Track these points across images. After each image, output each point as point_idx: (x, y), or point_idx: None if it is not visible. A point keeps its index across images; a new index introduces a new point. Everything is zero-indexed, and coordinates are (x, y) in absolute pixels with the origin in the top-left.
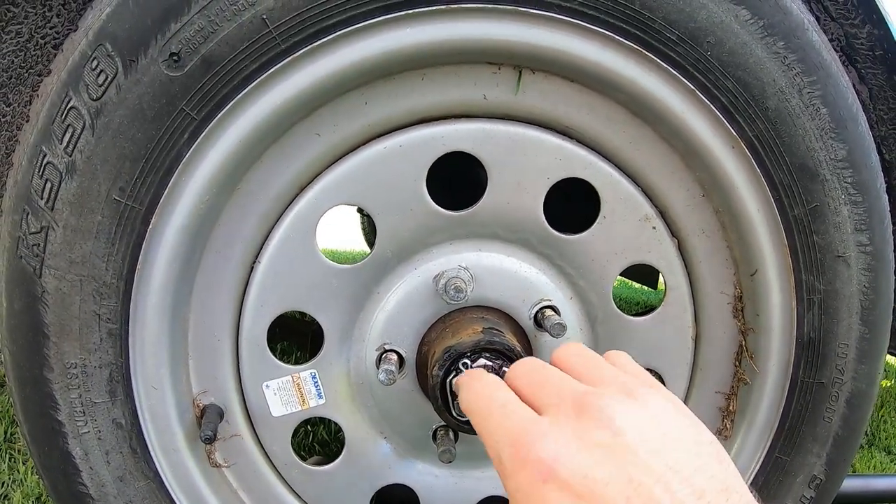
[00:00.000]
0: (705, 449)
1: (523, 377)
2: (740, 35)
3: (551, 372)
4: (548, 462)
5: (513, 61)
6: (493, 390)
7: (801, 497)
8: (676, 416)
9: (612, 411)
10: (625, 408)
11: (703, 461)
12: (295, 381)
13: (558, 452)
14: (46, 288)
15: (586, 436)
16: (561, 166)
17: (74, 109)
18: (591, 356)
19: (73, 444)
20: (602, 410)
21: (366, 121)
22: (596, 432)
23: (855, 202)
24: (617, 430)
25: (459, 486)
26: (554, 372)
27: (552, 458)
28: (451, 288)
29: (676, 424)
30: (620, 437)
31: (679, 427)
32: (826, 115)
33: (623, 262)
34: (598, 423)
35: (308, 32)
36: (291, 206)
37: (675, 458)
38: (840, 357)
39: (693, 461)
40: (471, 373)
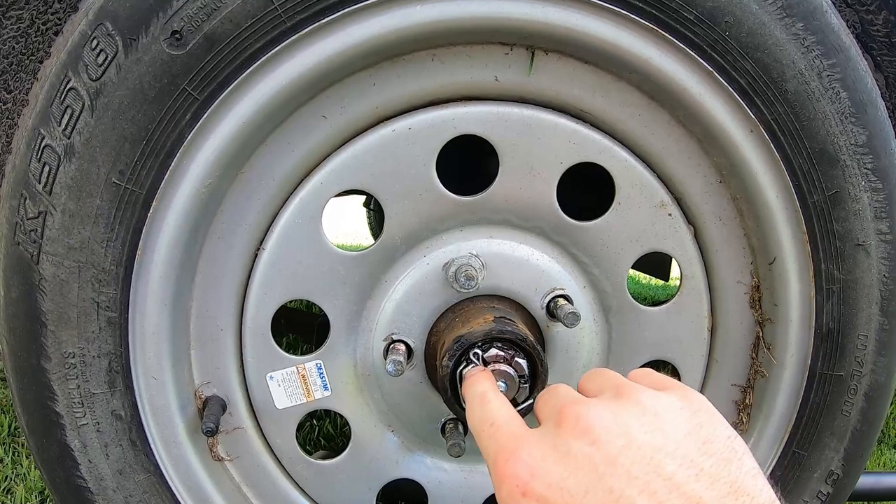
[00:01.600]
0: (715, 448)
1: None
2: (759, 15)
3: (561, 389)
4: (523, 475)
5: (525, 41)
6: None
7: (819, 492)
8: (684, 414)
9: (592, 419)
10: (607, 414)
11: (707, 463)
12: (300, 372)
13: (534, 466)
14: (44, 275)
15: (563, 446)
16: (575, 151)
17: (73, 90)
18: (605, 372)
19: (71, 436)
20: (580, 419)
21: (374, 103)
22: (573, 442)
23: (875, 189)
24: (595, 439)
25: (468, 482)
26: (563, 389)
27: (528, 472)
28: (462, 276)
29: (681, 423)
30: (599, 446)
31: (683, 427)
32: (846, 99)
33: (638, 249)
34: (574, 433)
35: (314, 10)
36: (297, 190)
37: (668, 463)
38: (859, 349)
39: (693, 464)
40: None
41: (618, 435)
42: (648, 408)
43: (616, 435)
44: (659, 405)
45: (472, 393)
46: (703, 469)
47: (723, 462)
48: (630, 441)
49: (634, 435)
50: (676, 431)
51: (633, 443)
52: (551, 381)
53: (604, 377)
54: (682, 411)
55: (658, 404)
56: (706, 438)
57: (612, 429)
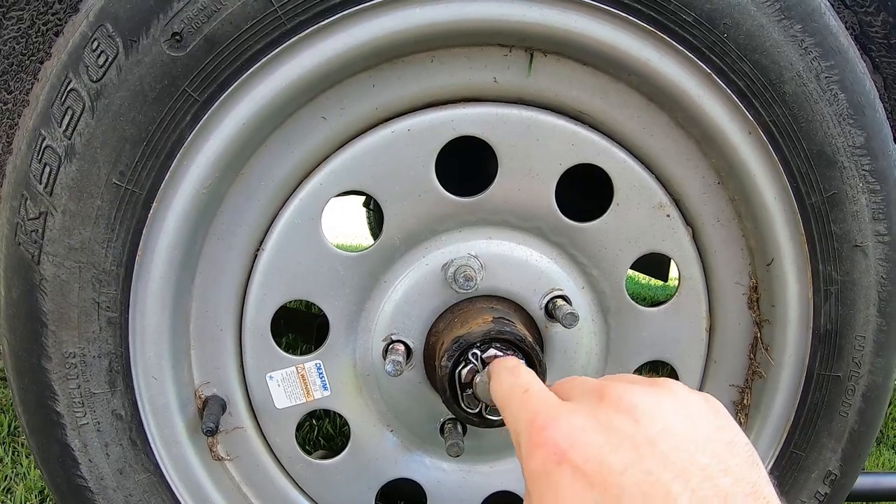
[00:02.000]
0: (739, 450)
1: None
2: (757, 17)
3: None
4: (563, 443)
5: (524, 43)
6: (518, 377)
7: (816, 493)
8: (710, 414)
9: (635, 399)
10: (650, 398)
11: (733, 462)
12: (299, 372)
13: (573, 435)
14: (45, 275)
15: (606, 420)
16: (573, 152)
17: (74, 91)
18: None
19: (71, 436)
20: (623, 397)
21: (373, 104)
22: (616, 417)
23: (873, 190)
24: (638, 418)
25: (468, 481)
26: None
27: (567, 440)
28: (461, 276)
29: (709, 422)
30: (642, 426)
31: (712, 425)
32: (844, 101)
33: (636, 250)
34: (619, 409)
35: (314, 11)
36: (296, 191)
37: (700, 454)
38: (857, 350)
39: (722, 461)
40: (500, 361)
41: (658, 418)
42: (683, 400)
43: (656, 418)
44: (691, 400)
45: (501, 367)
46: (730, 466)
47: (746, 464)
48: (669, 427)
49: (672, 422)
50: (706, 428)
51: (672, 429)
52: (550, 381)
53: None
54: (708, 412)
55: (690, 399)
56: (730, 440)
57: (654, 412)
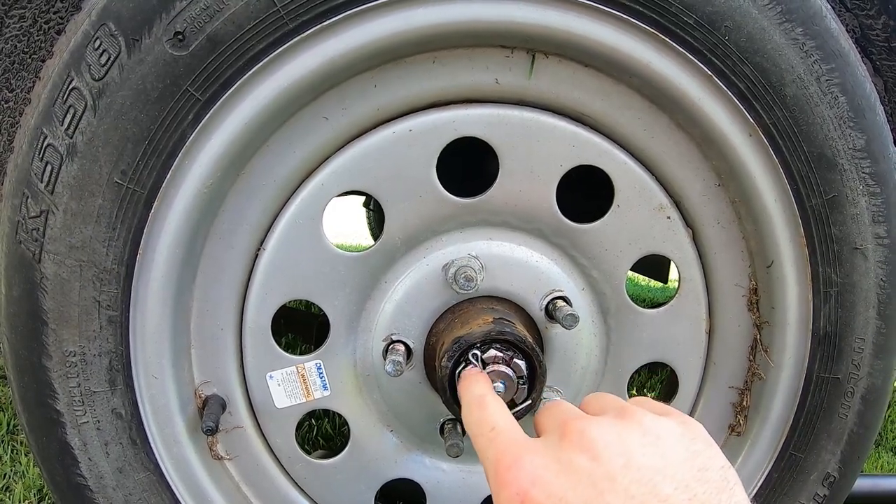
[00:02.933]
0: (710, 475)
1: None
2: (758, 20)
3: (564, 405)
4: (525, 483)
5: (526, 45)
6: (484, 412)
7: (815, 495)
8: (683, 440)
9: (595, 435)
10: (610, 432)
11: (701, 489)
12: (299, 371)
13: (535, 475)
14: (45, 274)
15: (566, 459)
16: (574, 153)
17: (76, 90)
18: (608, 395)
19: (71, 435)
20: (583, 433)
21: (375, 104)
22: (575, 456)
23: (873, 193)
24: (596, 454)
25: (467, 482)
26: (566, 406)
27: (529, 481)
28: (462, 277)
29: (678, 450)
30: (601, 462)
31: (681, 452)
32: (844, 104)
33: (636, 252)
34: (578, 447)
35: (317, 11)
36: (298, 191)
37: (665, 484)
38: (856, 352)
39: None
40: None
41: (619, 454)
42: (650, 430)
43: (617, 453)
44: (660, 429)
45: (470, 395)
46: (696, 495)
47: (716, 490)
48: (630, 461)
49: (635, 455)
50: (675, 456)
51: (634, 463)
52: (550, 382)
53: (606, 399)
54: (681, 437)
55: (659, 428)
56: (702, 466)
57: (614, 447)
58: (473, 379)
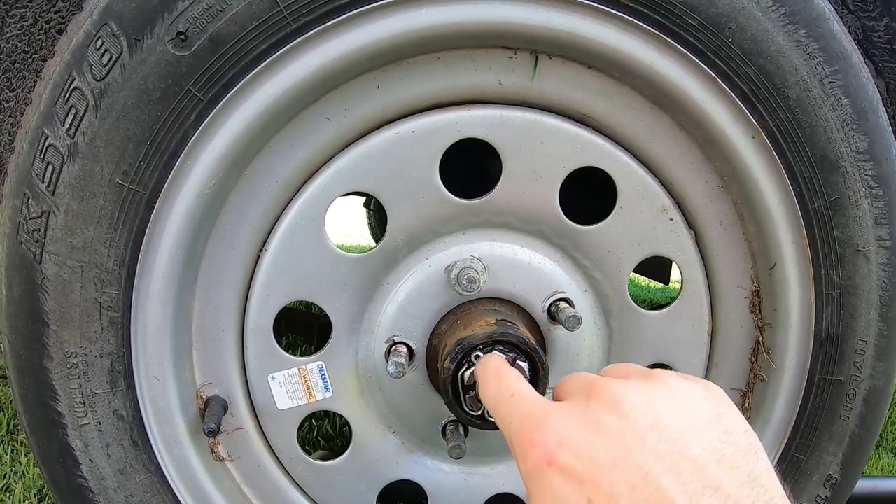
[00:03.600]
0: (736, 439)
1: (559, 383)
2: (762, 22)
3: (584, 374)
4: (551, 444)
5: (529, 46)
6: (501, 381)
7: (817, 496)
8: (707, 402)
9: (622, 394)
10: (638, 392)
11: (728, 451)
12: (301, 373)
13: (562, 434)
14: (47, 274)
15: (594, 418)
16: (577, 155)
17: (78, 90)
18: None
19: (72, 436)
20: (611, 393)
21: (378, 105)
22: (604, 414)
23: (875, 195)
24: (624, 413)
25: (469, 483)
26: (586, 374)
27: (556, 440)
28: (464, 279)
29: (704, 411)
30: (630, 421)
31: (707, 414)
32: (847, 106)
33: (639, 253)
34: (606, 406)
35: (320, 12)
36: (300, 192)
37: (693, 445)
38: (858, 354)
39: (716, 451)
40: (485, 362)
41: (647, 412)
42: (676, 391)
43: (646, 412)
44: (686, 390)
45: (485, 367)
46: (724, 456)
47: (742, 452)
48: (659, 419)
49: (663, 414)
50: (701, 417)
51: (662, 421)
52: (552, 384)
53: (630, 366)
54: (706, 399)
55: (685, 389)
56: (727, 428)
57: (643, 406)
58: (488, 358)
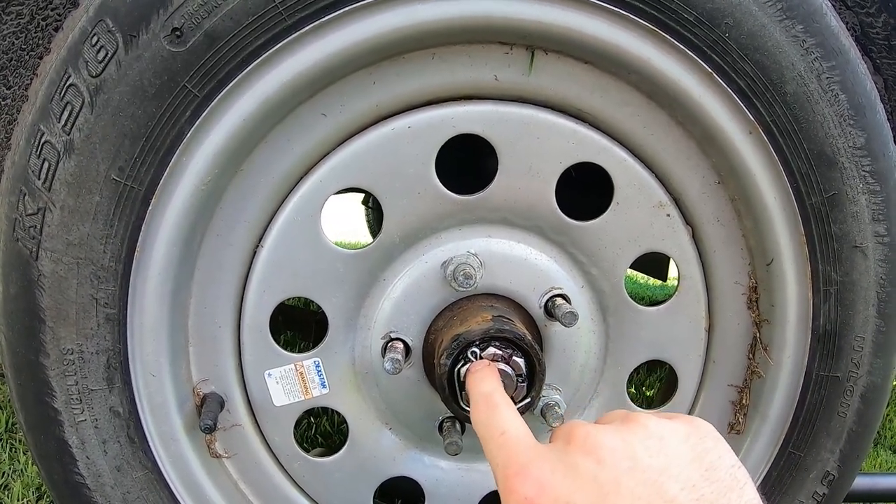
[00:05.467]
0: (719, 475)
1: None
2: (759, 17)
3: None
4: (531, 489)
5: (525, 41)
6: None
7: (814, 493)
8: (689, 440)
9: (599, 440)
10: (614, 436)
11: (709, 490)
12: (298, 369)
13: (542, 479)
14: (43, 271)
15: (572, 463)
16: (574, 150)
17: (73, 87)
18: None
19: (69, 433)
20: (588, 438)
21: (374, 101)
22: (581, 460)
23: (873, 191)
24: (601, 458)
25: (465, 480)
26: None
27: (536, 486)
28: (460, 274)
29: (687, 449)
30: (606, 465)
31: (688, 453)
32: (845, 102)
33: (636, 249)
34: (583, 451)
35: (315, 7)
36: (296, 188)
37: (671, 485)
38: (856, 350)
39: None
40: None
41: (623, 457)
42: (654, 432)
43: (622, 457)
44: (664, 430)
45: (478, 392)
46: (703, 494)
47: (724, 489)
48: (636, 463)
49: (640, 457)
50: (681, 456)
51: (639, 465)
52: (549, 380)
53: (614, 413)
54: (688, 437)
55: (664, 429)
56: (710, 465)
57: (619, 450)
58: (481, 375)
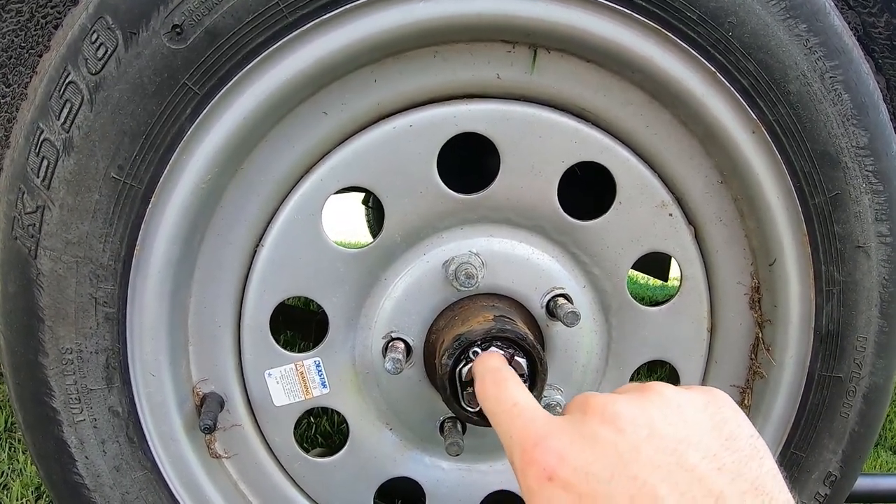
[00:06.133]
0: (739, 444)
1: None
2: (762, 16)
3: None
4: (551, 460)
5: (528, 39)
6: (505, 387)
7: (816, 494)
8: (707, 409)
9: (618, 409)
10: (633, 404)
11: (729, 458)
12: (298, 369)
13: (561, 450)
14: (42, 270)
15: (590, 433)
16: (576, 149)
17: (73, 84)
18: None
19: (68, 433)
20: (606, 407)
21: (375, 99)
22: (599, 428)
23: (876, 191)
24: (620, 427)
25: (466, 480)
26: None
27: (556, 457)
28: (462, 274)
29: (705, 418)
30: (626, 434)
31: (707, 422)
32: (848, 101)
33: (639, 249)
34: (601, 420)
35: (317, 4)
36: (297, 187)
37: (691, 454)
38: (858, 351)
39: (716, 458)
40: (483, 361)
41: (643, 425)
42: (672, 400)
43: (641, 425)
44: (682, 399)
45: (484, 368)
46: (725, 464)
47: (745, 459)
48: (654, 431)
49: (658, 425)
50: (700, 425)
51: (658, 433)
52: (551, 380)
53: (626, 385)
54: (707, 406)
55: (682, 399)
56: (729, 435)
57: (638, 419)
58: (487, 354)
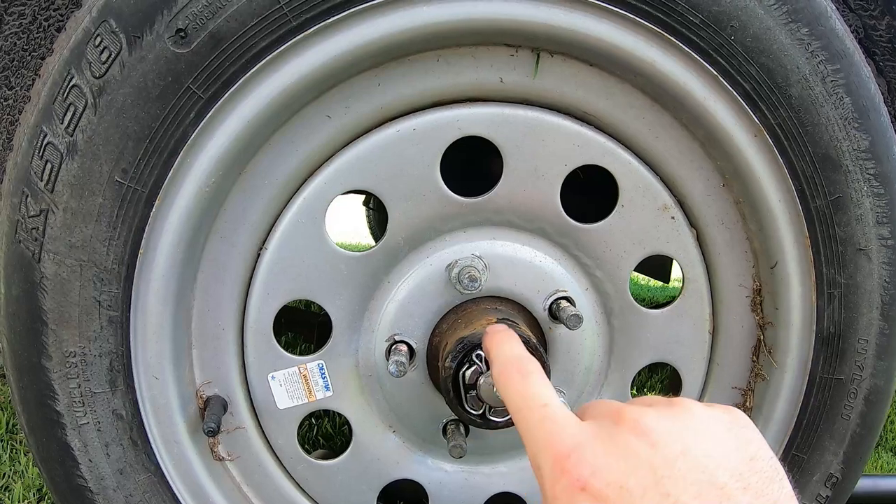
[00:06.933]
0: (762, 465)
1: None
2: (764, 20)
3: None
4: (585, 472)
5: (531, 43)
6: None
7: (818, 496)
8: (732, 430)
9: (651, 422)
10: (664, 420)
11: (754, 479)
12: (302, 372)
13: (596, 462)
14: (45, 273)
15: (624, 445)
16: (579, 153)
17: (76, 88)
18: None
19: (71, 436)
20: (639, 421)
21: (378, 103)
22: (634, 441)
23: (877, 194)
24: (655, 441)
25: (469, 483)
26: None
27: (589, 468)
28: (465, 277)
29: (730, 438)
30: (659, 449)
31: (733, 441)
32: (849, 105)
33: (641, 252)
34: (635, 433)
35: (320, 9)
36: (300, 190)
37: (720, 473)
38: (859, 353)
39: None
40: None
41: (675, 440)
42: (702, 419)
43: (674, 440)
44: (710, 417)
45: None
46: (750, 484)
47: (767, 480)
48: (686, 448)
49: (690, 443)
50: (727, 444)
51: (690, 450)
52: (553, 382)
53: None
54: (731, 426)
55: (710, 416)
56: (753, 455)
57: (671, 434)
58: (503, 336)
